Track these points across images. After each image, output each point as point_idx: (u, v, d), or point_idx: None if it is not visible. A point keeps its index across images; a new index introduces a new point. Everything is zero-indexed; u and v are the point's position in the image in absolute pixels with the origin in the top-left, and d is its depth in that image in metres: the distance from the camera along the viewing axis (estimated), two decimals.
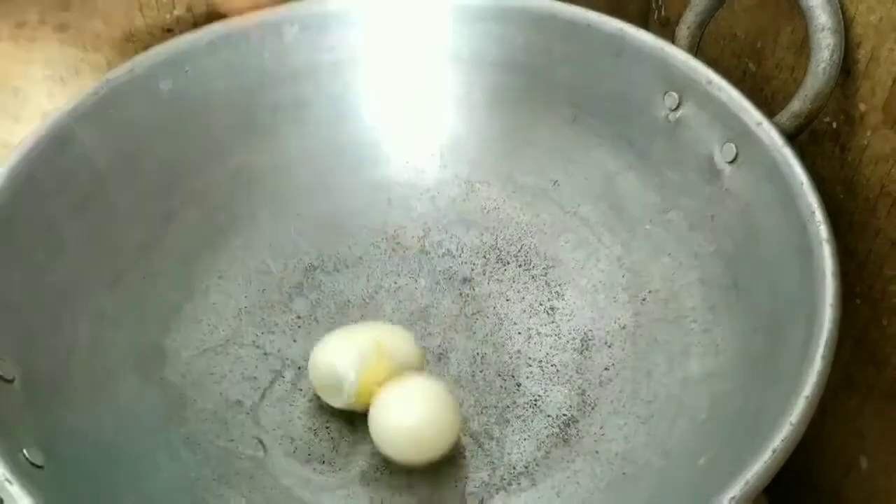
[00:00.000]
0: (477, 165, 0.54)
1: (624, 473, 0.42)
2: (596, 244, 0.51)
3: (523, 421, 0.45)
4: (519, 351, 0.48)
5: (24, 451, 0.36)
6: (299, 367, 0.47)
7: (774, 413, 0.35)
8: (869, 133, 0.43)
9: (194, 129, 0.51)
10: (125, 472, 0.40)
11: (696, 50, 0.49)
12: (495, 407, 0.45)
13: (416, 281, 0.51)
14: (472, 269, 0.51)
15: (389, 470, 0.43)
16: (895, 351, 0.44)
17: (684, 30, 0.49)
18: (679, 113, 0.48)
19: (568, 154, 0.53)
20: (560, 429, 0.44)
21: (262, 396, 0.46)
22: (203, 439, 0.44)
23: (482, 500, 0.42)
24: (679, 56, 0.47)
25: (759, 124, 0.44)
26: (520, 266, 0.51)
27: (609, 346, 0.47)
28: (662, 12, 0.59)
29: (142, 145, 0.49)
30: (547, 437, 0.44)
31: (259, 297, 0.50)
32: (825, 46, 0.42)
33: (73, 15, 0.50)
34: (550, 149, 0.53)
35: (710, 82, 0.46)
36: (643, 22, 0.61)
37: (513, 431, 0.44)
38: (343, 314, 0.50)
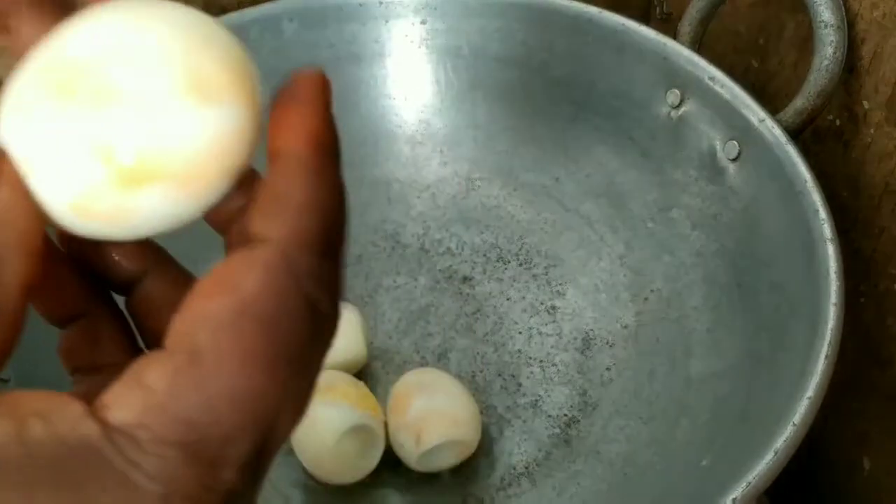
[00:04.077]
0: (477, 163, 0.54)
1: (625, 474, 0.41)
2: (598, 243, 0.51)
3: (524, 421, 0.45)
4: (520, 350, 0.47)
5: None
6: None
7: (777, 414, 0.35)
8: (872, 130, 0.42)
9: None
10: None
11: (699, 46, 0.49)
12: (496, 407, 0.45)
13: (416, 280, 0.51)
14: (473, 268, 0.51)
15: (390, 469, 0.43)
16: None
17: (686, 26, 0.49)
18: (681, 110, 0.48)
19: (569, 151, 0.52)
20: (561, 429, 0.44)
21: None
22: None
23: (482, 500, 0.42)
24: (681, 52, 0.47)
25: (762, 121, 0.43)
26: (520, 265, 0.51)
27: (611, 346, 0.47)
28: (664, 8, 0.59)
29: None
30: (548, 437, 0.44)
31: None
32: (828, 43, 0.42)
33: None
34: (551, 146, 0.53)
35: (712, 79, 0.46)
36: (645, 18, 0.61)
37: (513, 432, 0.44)
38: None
